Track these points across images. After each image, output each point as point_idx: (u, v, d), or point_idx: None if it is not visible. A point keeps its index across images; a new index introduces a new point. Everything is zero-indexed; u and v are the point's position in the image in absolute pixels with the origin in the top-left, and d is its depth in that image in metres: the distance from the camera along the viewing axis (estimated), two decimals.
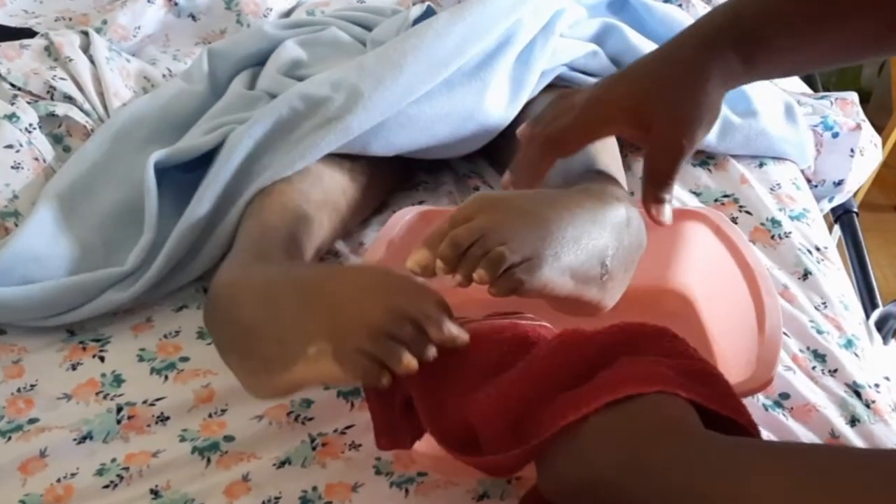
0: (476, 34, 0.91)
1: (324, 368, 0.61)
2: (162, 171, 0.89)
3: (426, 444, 0.66)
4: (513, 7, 0.93)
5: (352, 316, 0.60)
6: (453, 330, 0.60)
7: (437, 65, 0.90)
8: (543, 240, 0.64)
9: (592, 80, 1.00)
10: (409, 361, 0.58)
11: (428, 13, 1.00)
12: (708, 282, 0.81)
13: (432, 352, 0.59)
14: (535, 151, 0.73)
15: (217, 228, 0.87)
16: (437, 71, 0.90)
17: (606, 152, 0.86)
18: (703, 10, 1.16)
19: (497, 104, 0.93)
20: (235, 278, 0.72)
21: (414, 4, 1.07)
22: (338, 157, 0.89)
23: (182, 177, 0.91)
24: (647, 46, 1.02)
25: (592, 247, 0.67)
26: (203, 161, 0.91)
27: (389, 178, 0.98)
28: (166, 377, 0.78)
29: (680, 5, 1.15)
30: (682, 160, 0.69)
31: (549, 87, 0.98)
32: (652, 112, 0.69)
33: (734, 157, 1.03)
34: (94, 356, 0.81)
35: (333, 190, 0.87)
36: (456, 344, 0.60)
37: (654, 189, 0.70)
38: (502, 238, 0.62)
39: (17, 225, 0.90)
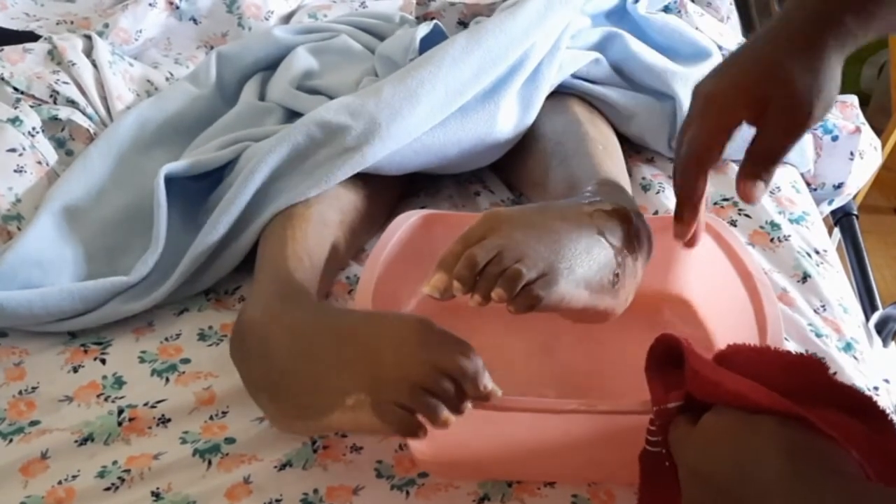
0: (492, 61, 0.91)
1: (362, 419, 0.62)
2: (168, 177, 0.88)
3: (427, 445, 0.66)
4: (527, 31, 0.92)
5: (391, 370, 0.61)
6: (489, 385, 0.61)
7: (454, 94, 0.89)
8: (557, 254, 0.64)
9: (594, 86, 1.00)
10: (448, 417, 0.60)
11: (435, 31, 0.99)
12: (709, 287, 0.81)
13: (467, 407, 0.60)
14: (687, 178, 0.69)
15: (229, 248, 0.86)
16: (454, 100, 0.89)
17: (611, 159, 0.86)
18: (698, 16, 1.16)
19: (507, 125, 0.94)
20: (266, 317, 0.71)
21: (417, 19, 1.07)
22: (351, 177, 0.88)
23: (187, 183, 0.91)
24: (647, 54, 1.02)
25: (603, 257, 0.67)
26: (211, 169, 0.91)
27: (398, 191, 0.98)
28: (167, 379, 0.78)
29: (679, 13, 1.15)
30: (800, 136, 0.64)
31: (553, 94, 0.98)
32: (769, 88, 0.64)
33: (733, 160, 1.03)
34: (95, 358, 0.81)
35: (349, 209, 0.87)
36: (490, 399, 0.61)
37: (758, 167, 0.66)
38: (517, 255, 0.62)
39: (19, 228, 0.90)
